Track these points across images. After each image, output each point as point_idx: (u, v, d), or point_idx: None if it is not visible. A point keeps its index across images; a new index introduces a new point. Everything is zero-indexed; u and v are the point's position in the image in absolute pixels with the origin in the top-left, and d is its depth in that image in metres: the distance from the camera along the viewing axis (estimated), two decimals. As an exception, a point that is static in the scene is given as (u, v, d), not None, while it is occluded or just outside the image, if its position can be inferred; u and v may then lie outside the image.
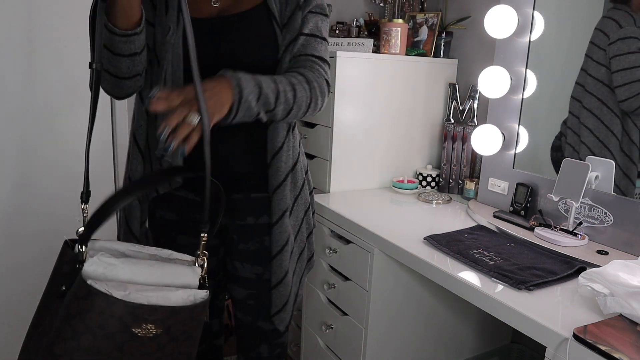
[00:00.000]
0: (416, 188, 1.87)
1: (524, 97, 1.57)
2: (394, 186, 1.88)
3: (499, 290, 1.06)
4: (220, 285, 1.31)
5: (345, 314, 1.56)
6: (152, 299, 0.82)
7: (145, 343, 0.83)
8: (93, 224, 0.87)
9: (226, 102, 0.90)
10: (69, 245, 0.91)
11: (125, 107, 1.80)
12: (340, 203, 1.67)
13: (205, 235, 0.92)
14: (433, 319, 1.58)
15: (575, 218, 1.39)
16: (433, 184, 1.92)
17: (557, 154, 1.52)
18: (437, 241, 1.31)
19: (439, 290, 1.55)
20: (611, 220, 1.32)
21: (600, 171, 1.36)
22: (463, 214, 1.64)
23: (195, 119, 0.83)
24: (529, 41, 1.54)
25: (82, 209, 0.97)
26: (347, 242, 1.52)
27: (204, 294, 0.90)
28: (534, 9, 1.52)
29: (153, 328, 0.83)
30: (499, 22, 1.55)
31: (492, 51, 1.66)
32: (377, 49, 1.88)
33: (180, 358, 0.89)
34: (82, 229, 0.89)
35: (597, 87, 1.42)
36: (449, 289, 1.15)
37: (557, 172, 1.42)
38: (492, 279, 1.11)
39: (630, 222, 1.28)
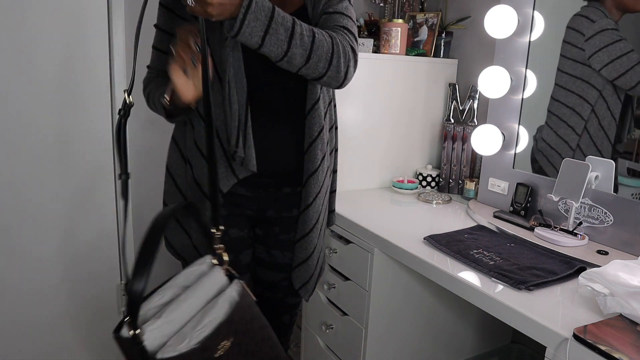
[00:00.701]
0: (416, 188, 1.87)
1: (524, 97, 1.57)
2: (394, 186, 1.88)
3: (499, 290, 1.06)
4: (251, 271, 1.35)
5: (345, 314, 1.56)
6: (206, 327, 0.86)
7: (231, 356, 0.88)
8: (136, 304, 0.83)
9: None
10: (119, 336, 0.85)
11: (125, 107, 1.80)
12: (340, 203, 1.67)
13: (217, 231, 0.96)
14: (433, 319, 1.58)
15: (575, 218, 1.39)
16: (433, 184, 1.92)
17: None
18: (437, 241, 1.31)
19: (439, 290, 1.55)
20: (611, 220, 1.32)
21: (600, 171, 1.36)
22: (463, 214, 1.64)
23: None
24: (529, 41, 1.54)
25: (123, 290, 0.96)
26: (347, 242, 1.52)
27: (237, 287, 0.93)
28: (534, 9, 1.52)
29: (226, 343, 0.88)
30: (499, 22, 1.55)
31: (492, 51, 1.66)
32: (377, 49, 1.88)
33: (264, 345, 0.94)
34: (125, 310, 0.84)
35: (575, 83, 1.46)
36: (449, 289, 1.15)
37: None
38: (492, 279, 1.11)
39: (630, 222, 1.28)
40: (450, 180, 1.89)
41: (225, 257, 0.96)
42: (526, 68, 1.55)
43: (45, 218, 1.74)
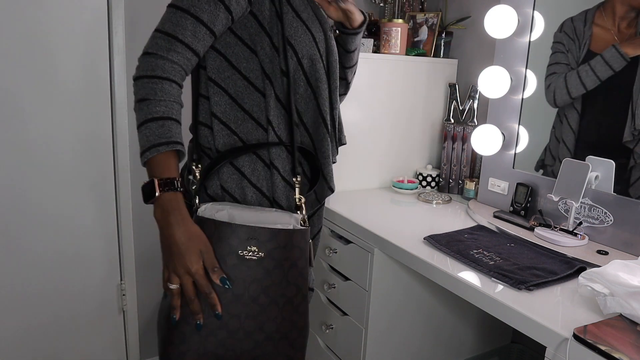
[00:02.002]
0: (416, 188, 1.87)
1: (524, 97, 1.57)
2: (394, 186, 1.88)
3: (499, 290, 1.06)
4: None
5: (345, 314, 1.56)
6: (248, 221, 0.95)
7: (253, 267, 0.94)
8: (202, 178, 1.02)
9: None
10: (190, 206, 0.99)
11: (125, 107, 1.80)
12: (340, 203, 1.67)
13: (298, 178, 1.05)
14: (433, 319, 1.58)
15: (575, 218, 1.39)
16: (433, 184, 1.92)
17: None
18: (437, 241, 1.31)
19: (439, 290, 1.55)
20: (611, 220, 1.32)
21: (600, 171, 1.36)
22: (463, 214, 1.64)
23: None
24: (529, 41, 1.54)
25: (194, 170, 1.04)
26: (347, 242, 1.52)
27: (301, 226, 0.99)
28: (534, 9, 1.52)
29: (257, 250, 0.94)
30: (499, 22, 1.55)
31: (492, 51, 1.66)
32: (377, 49, 1.88)
33: (290, 290, 0.97)
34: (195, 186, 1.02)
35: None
36: (449, 289, 1.15)
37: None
38: (492, 279, 1.11)
39: (630, 222, 1.28)
40: (450, 180, 1.89)
41: (304, 208, 1.05)
42: (526, 68, 1.55)
43: (45, 218, 1.74)
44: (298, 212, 1.05)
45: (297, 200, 1.05)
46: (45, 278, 1.78)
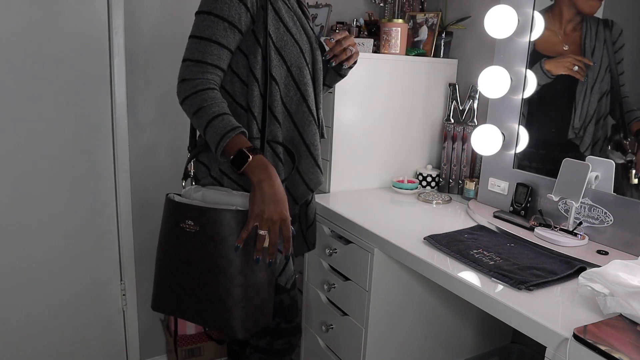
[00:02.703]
0: (416, 188, 1.87)
1: (524, 97, 1.57)
2: (394, 186, 1.88)
3: (499, 290, 1.06)
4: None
5: (345, 314, 1.56)
6: (195, 199, 1.18)
7: (190, 238, 1.12)
8: (187, 165, 1.25)
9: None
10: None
11: (125, 107, 1.80)
12: (340, 203, 1.67)
13: None
14: (433, 319, 1.58)
15: (575, 218, 1.39)
16: (433, 184, 1.92)
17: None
18: (437, 241, 1.31)
19: (439, 290, 1.55)
20: (611, 220, 1.32)
21: (600, 171, 1.36)
22: (463, 214, 1.64)
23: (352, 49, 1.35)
24: (529, 41, 1.54)
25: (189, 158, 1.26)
26: (347, 242, 1.52)
27: (237, 204, 1.14)
28: (534, 9, 1.52)
29: (192, 225, 1.12)
30: (499, 22, 1.55)
31: (492, 51, 1.66)
32: (377, 49, 1.88)
33: (221, 262, 1.10)
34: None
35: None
36: (449, 289, 1.15)
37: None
38: (492, 279, 1.11)
39: (630, 222, 1.28)
40: (450, 180, 1.89)
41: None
42: (526, 68, 1.55)
43: (46, 218, 1.74)
44: None
45: None
46: (45, 278, 1.78)
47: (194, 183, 1.26)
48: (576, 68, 1.41)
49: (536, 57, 1.52)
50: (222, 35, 1.14)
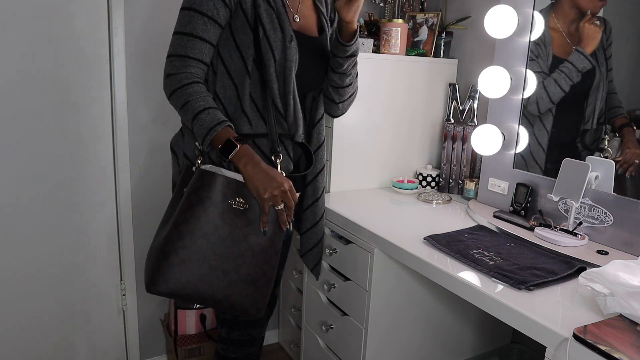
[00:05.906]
0: (416, 188, 1.87)
1: (524, 97, 1.57)
2: (394, 186, 1.88)
3: (499, 290, 1.07)
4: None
5: (345, 314, 1.56)
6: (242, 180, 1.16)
7: (238, 215, 1.13)
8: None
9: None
10: (191, 169, 1.21)
11: (125, 107, 1.80)
12: (340, 203, 1.67)
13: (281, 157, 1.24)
14: (433, 319, 1.58)
15: (575, 218, 1.39)
16: (433, 184, 1.92)
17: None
18: (437, 241, 1.31)
19: (439, 290, 1.55)
20: (611, 220, 1.32)
21: (600, 171, 1.36)
22: (463, 214, 1.64)
23: None
24: (529, 41, 1.54)
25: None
26: (347, 242, 1.52)
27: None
28: (534, 9, 1.52)
29: (243, 202, 1.13)
30: (499, 22, 1.55)
31: (492, 51, 1.66)
32: (377, 49, 1.88)
33: (265, 242, 1.15)
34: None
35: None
36: (449, 289, 1.15)
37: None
38: (492, 279, 1.11)
39: (630, 222, 1.28)
40: (450, 180, 1.89)
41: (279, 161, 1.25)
42: (526, 68, 1.55)
43: (46, 218, 1.74)
44: None
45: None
46: (45, 278, 1.78)
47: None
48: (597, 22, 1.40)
49: (555, 61, 1.50)
50: (202, 29, 1.17)
